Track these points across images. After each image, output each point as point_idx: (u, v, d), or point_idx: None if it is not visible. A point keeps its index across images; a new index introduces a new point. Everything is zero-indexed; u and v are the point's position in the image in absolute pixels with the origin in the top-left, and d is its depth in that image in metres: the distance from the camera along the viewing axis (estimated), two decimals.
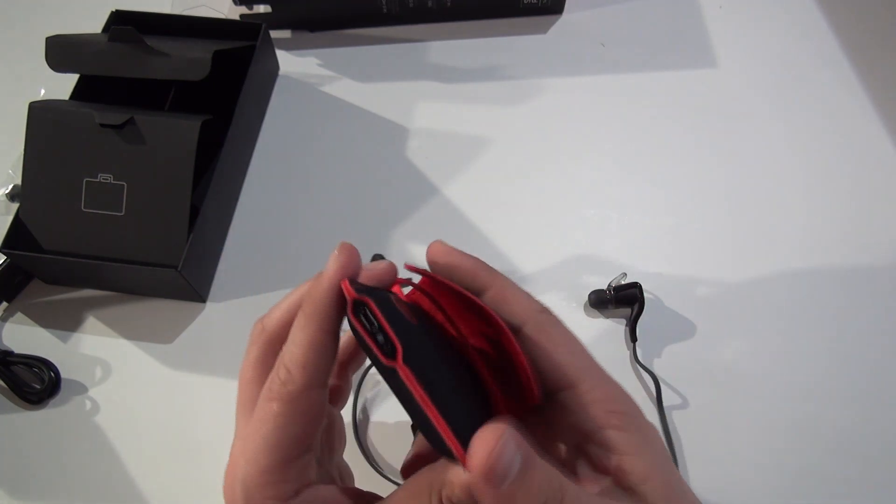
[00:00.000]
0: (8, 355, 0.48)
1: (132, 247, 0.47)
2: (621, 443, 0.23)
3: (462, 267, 0.26)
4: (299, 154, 0.58)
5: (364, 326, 0.21)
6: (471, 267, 0.26)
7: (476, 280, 0.26)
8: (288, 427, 0.23)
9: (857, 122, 0.59)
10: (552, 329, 0.25)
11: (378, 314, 0.21)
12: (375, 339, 0.21)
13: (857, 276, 0.52)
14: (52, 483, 0.45)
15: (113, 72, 0.50)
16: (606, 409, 0.23)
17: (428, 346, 0.22)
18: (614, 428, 0.23)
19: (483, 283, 0.26)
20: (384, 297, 0.23)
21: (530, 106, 0.61)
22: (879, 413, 0.47)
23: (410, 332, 0.22)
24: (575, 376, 0.24)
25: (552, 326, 0.25)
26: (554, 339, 0.25)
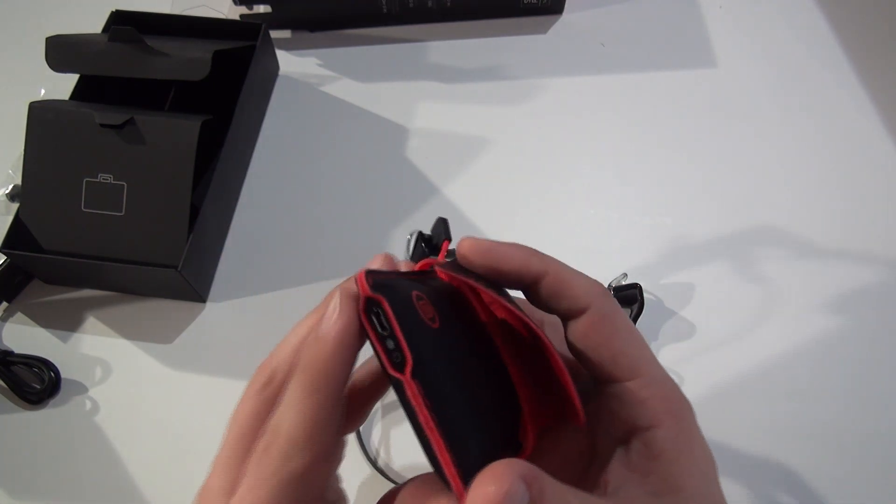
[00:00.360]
0: (8, 355, 0.48)
1: (132, 247, 0.47)
2: (668, 447, 0.21)
3: (509, 262, 0.24)
4: (299, 154, 0.58)
5: (374, 328, 0.19)
6: (520, 258, 0.24)
7: (529, 269, 0.24)
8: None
9: (858, 121, 0.59)
10: (615, 314, 0.23)
11: (391, 317, 0.19)
12: (385, 344, 0.19)
13: (857, 276, 0.52)
14: (52, 483, 0.45)
15: (113, 72, 0.50)
16: (662, 408, 0.22)
17: (446, 356, 0.20)
18: (665, 429, 0.22)
19: (537, 271, 0.24)
20: (403, 296, 0.20)
21: (530, 106, 0.61)
22: (881, 413, 0.47)
23: (427, 340, 0.20)
24: (635, 367, 0.23)
25: (615, 312, 0.23)
26: (617, 325, 0.23)
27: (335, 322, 0.20)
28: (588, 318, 0.23)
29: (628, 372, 0.22)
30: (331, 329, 0.20)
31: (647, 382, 0.22)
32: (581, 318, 0.23)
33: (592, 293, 0.23)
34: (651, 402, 0.22)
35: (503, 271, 0.24)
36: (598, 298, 0.23)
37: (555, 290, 0.23)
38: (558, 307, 0.24)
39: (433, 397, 0.18)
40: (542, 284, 0.24)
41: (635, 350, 0.23)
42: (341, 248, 0.53)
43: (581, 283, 0.23)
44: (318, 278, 0.52)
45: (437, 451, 0.18)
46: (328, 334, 0.20)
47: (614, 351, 0.23)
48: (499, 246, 0.24)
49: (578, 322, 0.23)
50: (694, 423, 0.23)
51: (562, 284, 0.23)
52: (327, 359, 0.20)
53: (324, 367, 0.20)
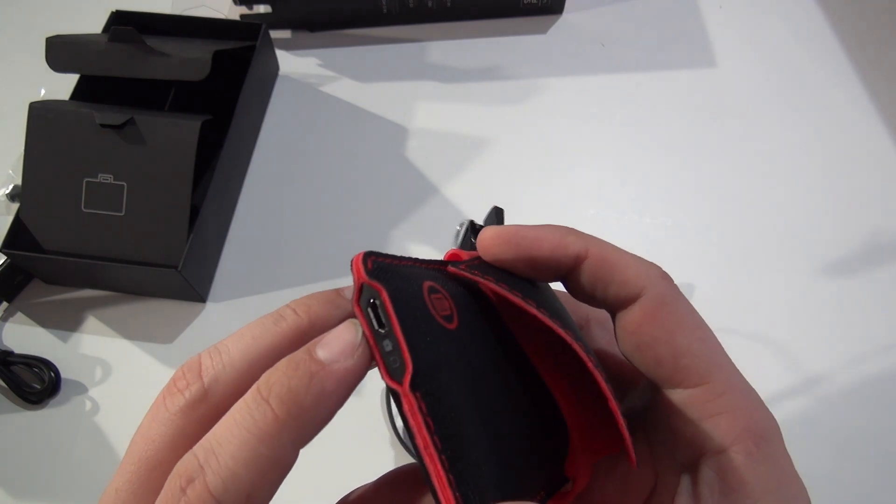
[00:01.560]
0: (8, 355, 0.48)
1: (132, 247, 0.47)
2: (749, 479, 0.16)
3: (541, 245, 0.19)
4: (299, 154, 0.58)
5: (370, 324, 0.16)
6: (553, 239, 0.19)
7: (566, 251, 0.19)
8: None
9: (858, 121, 0.59)
10: (676, 303, 0.18)
11: (390, 312, 0.15)
12: (382, 344, 0.15)
13: (857, 275, 0.52)
14: (52, 483, 0.45)
15: (113, 72, 0.50)
16: (739, 426, 0.17)
17: (461, 366, 0.16)
18: (745, 454, 0.17)
19: (576, 252, 0.19)
20: (410, 287, 0.16)
21: (530, 106, 0.61)
22: (882, 413, 0.47)
23: (437, 343, 0.16)
24: (703, 370, 0.18)
25: (676, 299, 0.19)
26: (679, 316, 0.18)
27: (353, 359, 0.15)
28: (642, 307, 0.18)
29: (695, 376, 0.18)
30: (343, 366, 0.15)
31: (719, 390, 0.18)
32: (633, 306, 0.19)
33: (647, 275, 0.19)
34: (725, 418, 0.17)
35: (535, 259, 0.19)
36: (654, 281, 0.19)
37: (599, 273, 0.19)
38: (605, 295, 0.19)
39: (438, 415, 0.15)
40: (584, 267, 0.19)
41: (704, 347, 0.18)
42: (341, 248, 0.53)
43: (633, 263, 0.19)
44: (318, 278, 0.52)
45: (436, 484, 0.15)
46: (336, 371, 0.15)
47: (676, 348, 0.18)
48: (526, 229, 0.19)
49: (630, 312, 0.19)
50: (782, 448, 0.18)
51: (607, 266, 0.19)
52: (323, 398, 0.15)
53: (314, 406, 0.15)
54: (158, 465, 0.16)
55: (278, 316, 0.17)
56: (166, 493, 0.15)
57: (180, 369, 0.17)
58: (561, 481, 0.20)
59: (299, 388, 0.15)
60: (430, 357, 0.15)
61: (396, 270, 0.17)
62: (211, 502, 0.14)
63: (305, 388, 0.15)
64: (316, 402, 0.15)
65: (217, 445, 0.15)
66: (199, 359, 0.17)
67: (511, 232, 0.19)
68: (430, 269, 0.19)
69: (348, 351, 0.15)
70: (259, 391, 0.15)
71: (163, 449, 0.16)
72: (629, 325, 0.19)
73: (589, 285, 0.19)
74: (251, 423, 0.15)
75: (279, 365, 0.15)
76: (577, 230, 0.20)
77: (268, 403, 0.15)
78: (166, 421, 0.16)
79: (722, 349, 0.19)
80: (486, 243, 0.20)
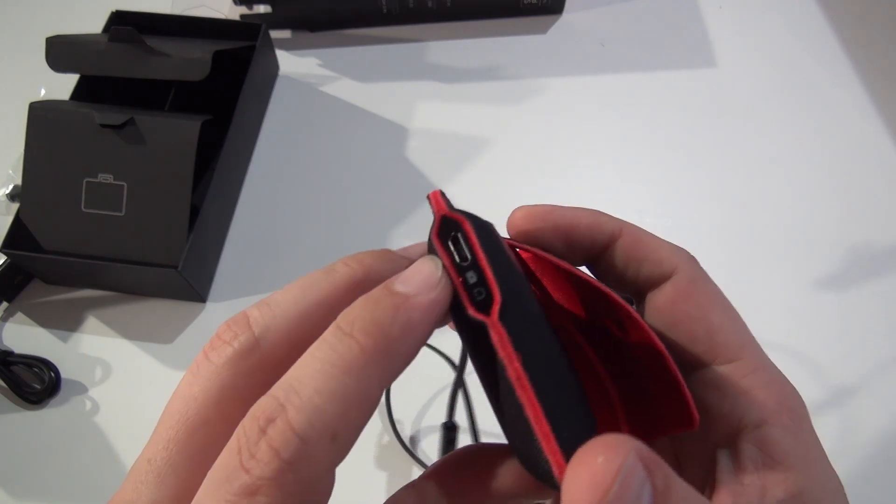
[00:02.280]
0: (8, 355, 0.48)
1: (132, 247, 0.47)
2: (790, 451, 0.17)
3: (578, 222, 0.20)
4: (299, 154, 0.58)
5: (451, 257, 0.16)
6: (589, 216, 0.20)
7: (602, 229, 0.20)
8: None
9: (858, 121, 0.59)
10: (707, 283, 0.19)
11: (474, 243, 0.15)
12: (465, 277, 0.15)
13: (857, 275, 0.52)
14: (52, 483, 0.45)
15: (113, 72, 0.50)
16: (774, 401, 0.17)
17: (536, 308, 0.16)
18: (782, 427, 0.17)
19: (611, 231, 0.20)
20: (485, 227, 0.17)
21: (530, 106, 0.61)
22: (884, 414, 0.47)
23: (516, 280, 0.16)
24: (737, 348, 0.18)
25: (706, 280, 0.19)
26: (710, 294, 0.19)
27: (438, 288, 0.15)
28: (675, 285, 0.19)
29: (729, 351, 0.18)
30: (428, 297, 0.15)
31: (751, 366, 0.18)
32: (665, 285, 0.19)
33: (678, 255, 0.19)
34: (759, 392, 0.17)
35: (573, 236, 0.20)
36: (685, 262, 0.19)
37: (633, 252, 0.19)
38: (637, 275, 0.20)
39: (525, 349, 0.15)
40: (618, 246, 0.20)
41: (735, 325, 0.18)
42: (341, 248, 0.53)
43: (664, 244, 0.20)
44: None
45: (530, 415, 0.14)
46: (421, 303, 0.15)
47: (711, 324, 0.18)
48: (562, 208, 0.20)
49: (663, 290, 0.19)
50: (810, 423, 0.18)
51: (641, 245, 0.19)
52: (410, 329, 0.15)
53: (401, 337, 0.15)
54: (203, 426, 0.14)
55: (329, 269, 0.17)
56: (240, 437, 0.13)
57: (225, 324, 0.16)
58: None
59: (385, 319, 0.14)
60: (515, 291, 0.15)
61: (469, 213, 0.17)
62: (294, 441, 0.13)
63: (391, 319, 0.15)
64: (403, 333, 0.15)
65: (297, 383, 0.14)
66: (244, 313, 0.16)
67: (547, 209, 0.20)
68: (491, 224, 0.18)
69: (431, 283, 0.15)
70: (340, 327, 0.14)
71: (207, 405, 0.15)
72: (663, 303, 0.19)
73: (622, 264, 0.20)
74: (336, 357, 0.14)
75: (357, 303, 0.15)
76: (608, 213, 0.20)
77: (352, 337, 0.14)
78: (211, 375, 0.15)
79: (748, 328, 0.19)
80: (518, 221, 0.20)
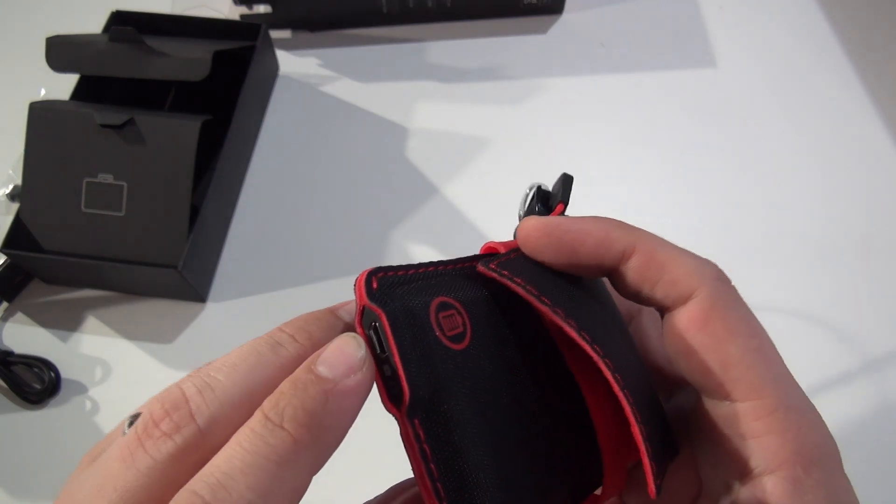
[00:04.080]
0: (8, 355, 0.48)
1: (132, 247, 0.47)
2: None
3: (584, 240, 0.18)
4: (299, 154, 0.58)
5: (372, 346, 0.15)
6: (598, 233, 0.18)
7: (610, 248, 0.18)
8: None
9: (858, 121, 0.59)
10: (731, 307, 0.17)
11: (390, 339, 0.15)
12: (382, 369, 0.15)
13: (857, 276, 0.52)
14: (52, 483, 0.45)
15: (113, 72, 0.50)
16: (787, 450, 0.16)
17: (468, 385, 0.16)
18: (793, 481, 0.15)
19: (621, 249, 0.18)
20: (415, 307, 0.16)
21: (530, 106, 0.61)
22: (885, 415, 0.47)
23: (440, 368, 0.15)
24: (754, 383, 0.16)
25: (731, 303, 0.17)
26: (732, 322, 0.17)
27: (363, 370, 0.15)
28: (691, 310, 0.17)
29: (744, 389, 0.16)
30: (355, 380, 0.15)
31: (770, 407, 0.16)
32: (682, 309, 0.17)
33: (700, 275, 0.17)
34: (774, 438, 0.16)
35: (578, 256, 0.18)
36: (707, 282, 0.17)
37: (646, 271, 0.18)
38: (651, 295, 0.18)
39: (437, 442, 0.15)
40: (629, 266, 0.18)
41: (758, 359, 0.17)
42: (341, 247, 0.53)
43: (684, 261, 0.18)
44: (318, 278, 0.52)
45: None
46: (350, 387, 0.14)
47: (726, 357, 0.16)
48: (570, 222, 0.18)
49: (678, 314, 0.17)
50: (838, 475, 0.16)
51: (655, 264, 0.17)
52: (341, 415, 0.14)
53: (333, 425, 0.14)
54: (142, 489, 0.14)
55: (274, 343, 0.16)
56: None
57: (157, 403, 0.14)
58: (589, 486, 0.19)
59: (316, 408, 0.14)
60: (430, 383, 0.15)
61: (406, 286, 0.16)
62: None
63: (322, 408, 0.14)
64: (335, 420, 0.14)
65: (227, 478, 0.13)
66: (181, 394, 0.14)
67: (553, 225, 0.18)
68: (452, 273, 0.18)
69: (355, 366, 0.15)
70: (268, 417, 0.14)
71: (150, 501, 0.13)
72: (676, 329, 0.17)
73: (634, 284, 0.18)
74: (268, 450, 0.13)
75: (284, 389, 0.14)
76: (626, 223, 0.18)
77: (283, 428, 0.13)
78: (149, 470, 0.13)
79: (780, 361, 0.17)
80: (525, 236, 0.18)
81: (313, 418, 0.14)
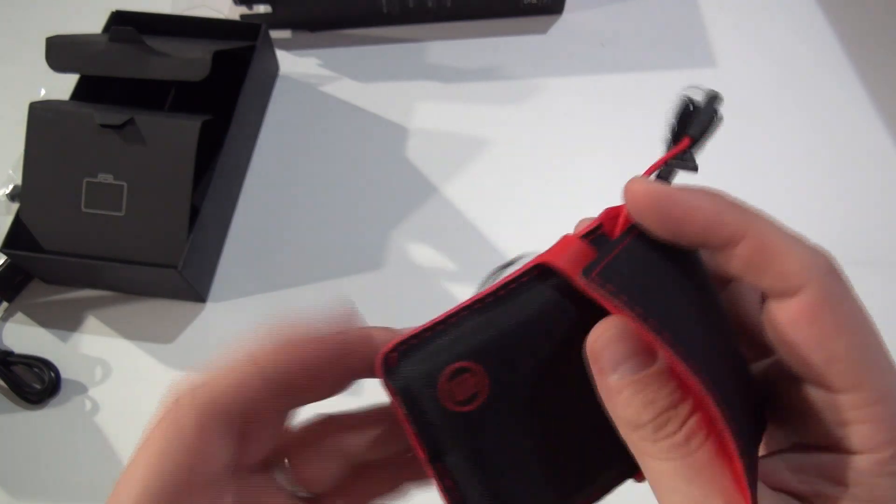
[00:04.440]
0: (8, 355, 0.48)
1: (132, 247, 0.47)
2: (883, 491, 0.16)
3: (693, 216, 0.17)
4: (299, 154, 0.58)
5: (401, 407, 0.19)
6: (709, 211, 0.17)
7: (721, 230, 0.17)
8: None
9: (858, 121, 0.59)
10: (840, 303, 0.17)
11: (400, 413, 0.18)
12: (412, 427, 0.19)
13: (857, 276, 0.52)
14: (52, 483, 0.45)
15: (113, 72, 0.50)
16: (883, 437, 0.16)
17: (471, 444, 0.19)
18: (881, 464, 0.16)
19: (731, 232, 0.17)
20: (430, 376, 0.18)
21: (530, 106, 0.61)
22: None
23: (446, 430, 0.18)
24: (856, 377, 0.16)
25: (841, 299, 0.17)
26: (840, 318, 0.17)
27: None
28: (799, 304, 0.17)
29: (844, 381, 0.17)
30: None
31: (870, 399, 0.16)
32: (790, 301, 0.17)
33: (811, 269, 0.17)
34: (868, 427, 0.16)
35: (684, 230, 0.17)
36: (818, 278, 0.17)
37: (755, 259, 0.17)
38: (759, 283, 0.17)
39: (450, 488, 0.18)
40: (738, 251, 0.17)
41: (862, 354, 0.17)
42: (341, 248, 0.53)
43: (796, 252, 0.17)
44: (318, 278, 0.52)
45: None
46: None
47: (830, 353, 0.16)
48: (680, 194, 0.17)
49: (784, 307, 0.17)
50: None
51: (766, 254, 0.17)
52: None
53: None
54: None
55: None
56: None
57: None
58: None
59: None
60: (437, 443, 0.18)
61: (424, 350, 0.18)
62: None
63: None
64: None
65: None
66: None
67: (662, 194, 0.17)
68: (487, 308, 0.19)
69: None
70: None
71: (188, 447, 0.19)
72: (782, 319, 0.17)
73: (739, 270, 0.17)
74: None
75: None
76: (740, 203, 0.18)
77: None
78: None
79: (885, 355, 0.17)
80: (632, 201, 0.18)
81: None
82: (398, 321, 0.20)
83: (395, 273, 0.52)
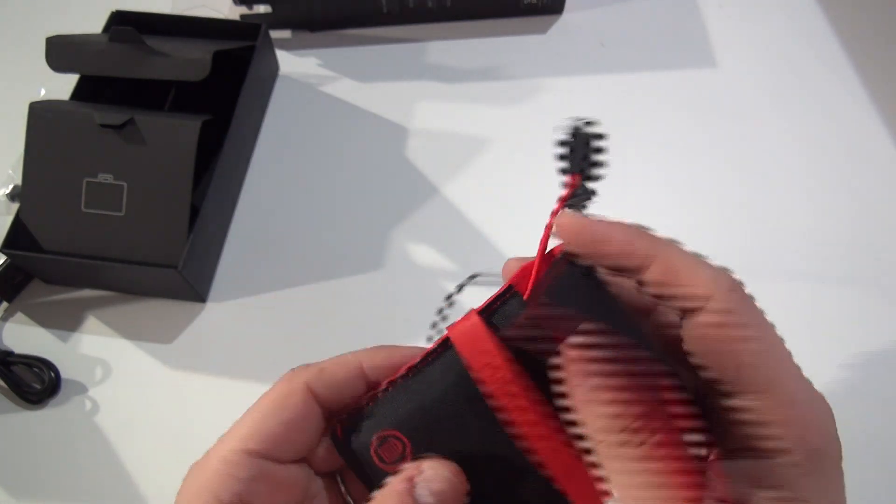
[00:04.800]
0: (8, 355, 0.48)
1: (132, 247, 0.47)
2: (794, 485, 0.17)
3: (608, 244, 0.20)
4: (299, 154, 0.58)
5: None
6: (621, 240, 0.20)
7: (631, 256, 0.19)
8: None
9: (858, 121, 0.59)
10: (744, 315, 0.19)
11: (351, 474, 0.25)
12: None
13: (857, 276, 0.52)
14: (52, 483, 0.45)
15: (113, 72, 0.50)
16: (794, 438, 0.18)
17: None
18: (793, 464, 0.17)
19: (640, 260, 0.19)
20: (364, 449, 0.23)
21: (530, 106, 0.61)
22: (886, 418, 0.46)
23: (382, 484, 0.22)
24: (767, 382, 0.18)
25: (744, 311, 0.19)
26: (745, 328, 0.19)
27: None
28: (707, 318, 0.19)
29: (755, 387, 0.18)
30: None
31: (780, 403, 0.18)
32: (698, 315, 0.19)
33: (714, 285, 0.19)
34: (782, 429, 0.18)
35: (602, 257, 0.20)
36: (721, 293, 0.19)
37: (664, 281, 0.19)
38: (672, 301, 0.20)
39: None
40: (650, 274, 0.19)
41: (771, 360, 0.18)
42: (341, 247, 0.53)
43: (700, 272, 0.19)
44: (319, 278, 0.52)
45: None
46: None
47: (740, 360, 0.18)
48: (597, 225, 0.20)
49: (695, 320, 0.19)
50: (836, 470, 0.18)
51: (673, 275, 0.19)
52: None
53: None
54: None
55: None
56: None
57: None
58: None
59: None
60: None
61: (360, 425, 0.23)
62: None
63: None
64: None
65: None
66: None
67: (582, 225, 0.20)
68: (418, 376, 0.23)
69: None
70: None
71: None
72: (694, 333, 0.19)
73: (654, 290, 0.20)
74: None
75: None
76: (649, 233, 0.20)
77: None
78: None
79: (791, 362, 0.19)
80: (559, 233, 0.21)
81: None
82: (398, 321, 0.21)
83: (395, 273, 0.52)
